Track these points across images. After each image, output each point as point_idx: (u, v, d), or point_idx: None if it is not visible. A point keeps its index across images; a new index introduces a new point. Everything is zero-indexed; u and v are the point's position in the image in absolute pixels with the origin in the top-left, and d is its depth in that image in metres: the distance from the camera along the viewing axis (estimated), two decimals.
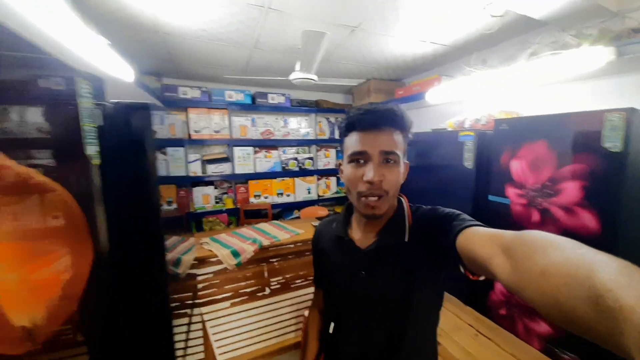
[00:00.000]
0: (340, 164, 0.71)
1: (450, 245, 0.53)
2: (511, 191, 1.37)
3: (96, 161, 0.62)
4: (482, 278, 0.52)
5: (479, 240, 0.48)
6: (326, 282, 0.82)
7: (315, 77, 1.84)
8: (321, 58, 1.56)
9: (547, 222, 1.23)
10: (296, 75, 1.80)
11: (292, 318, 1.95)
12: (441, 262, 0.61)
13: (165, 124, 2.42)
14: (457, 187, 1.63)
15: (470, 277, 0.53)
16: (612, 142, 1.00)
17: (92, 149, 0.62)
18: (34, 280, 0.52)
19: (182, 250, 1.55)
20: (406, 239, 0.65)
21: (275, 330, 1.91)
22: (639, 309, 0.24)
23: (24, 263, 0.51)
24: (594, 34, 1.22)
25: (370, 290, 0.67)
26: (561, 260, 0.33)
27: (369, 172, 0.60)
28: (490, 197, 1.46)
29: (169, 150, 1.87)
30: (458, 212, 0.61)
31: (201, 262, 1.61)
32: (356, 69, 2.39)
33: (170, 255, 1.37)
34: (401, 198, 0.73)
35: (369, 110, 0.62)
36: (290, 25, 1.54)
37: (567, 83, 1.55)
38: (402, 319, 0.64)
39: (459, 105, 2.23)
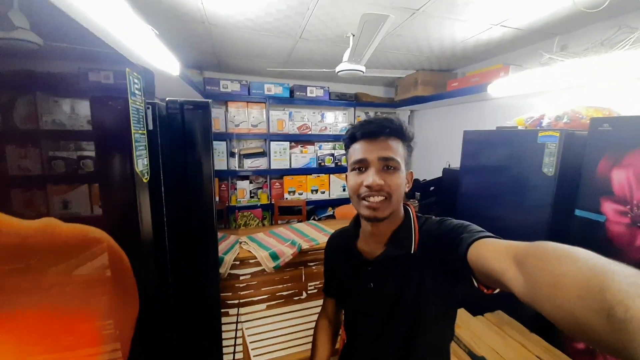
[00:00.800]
0: (346, 175, 0.73)
1: (461, 259, 0.52)
2: (609, 207, 1.12)
3: (146, 178, 0.52)
4: (496, 291, 0.51)
5: (491, 252, 0.47)
6: (337, 293, 0.85)
7: (363, 69, 1.68)
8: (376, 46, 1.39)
9: None
10: (343, 66, 1.66)
11: None
12: (452, 275, 0.60)
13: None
14: (531, 197, 1.39)
15: (485, 291, 0.51)
16: None
17: (142, 164, 0.51)
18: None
19: (224, 248, 1.51)
20: (413, 251, 0.65)
21: (310, 335, 1.82)
22: None
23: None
24: None
25: (379, 301, 0.68)
26: (574, 272, 0.32)
27: (369, 177, 0.61)
28: (578, 212, 1.22)
29: (214, 143, 1.83)
30: (467, 223, 0.60)
31: (241, 262, 1.56)
32: (405, 59, 2.17)
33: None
34: (408, 208, 0.72)
35: (367, 121, 0.66)
36: (343, 10, 1.39)
37: None
38: (412, 330, 0.64)
39: (528, 100, 1.94)
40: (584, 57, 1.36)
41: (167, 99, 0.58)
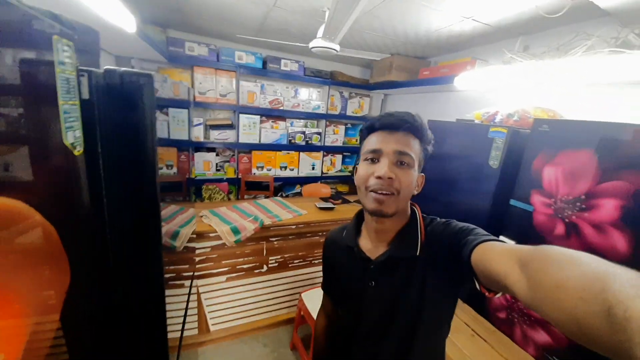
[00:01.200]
0: (355, 168, 0.70)
1: (465, 261, 0.52)
2: (537, 199, 1.27)
3: (79, 150, 0.49)
4: (498, 295, 0.51)
5: (494, 255, 0.47)
6: (336, 291, 0.81)
7: (337, 48, 1.64)
8: (350, 25, 1.36)
9: (572, 237, 1.15)
10: (317, 42, 1.60)
11: (287, 295, 1.95)
12: (455, 278, 0.60)
13: (168, 83, 2.24)
14: (477, 186, 1.53)
15: (487, 294, 0.51)
16: None
17: (73, 136, 0.47)
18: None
19: (180, 222, 1.48)
20: (418, 253, 0.63)
21: (270, 305, 1.92)
22: None
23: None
24: None
25: (380, 301, 0.66)
26: (577, 275, 0.32)
27: (381, 168, 0.60)
28: (512, 202, 1.37)
29: (171, 111, 1.73)
30: (473, 226, 0.60)
31: (199, 236, 1.55)
32: (381, 41, 2.16)
33: (167, 227, 1.30)
34: (414, 208, 0.71)
35: (389, 113, 0.64)
36: None
37: (624, 88, 1.38)
38: (412, 331, 0.64)
39: (486, 94, 2.05)
40: (541, 59, 1.45)
41: (105, 68, 0.53)
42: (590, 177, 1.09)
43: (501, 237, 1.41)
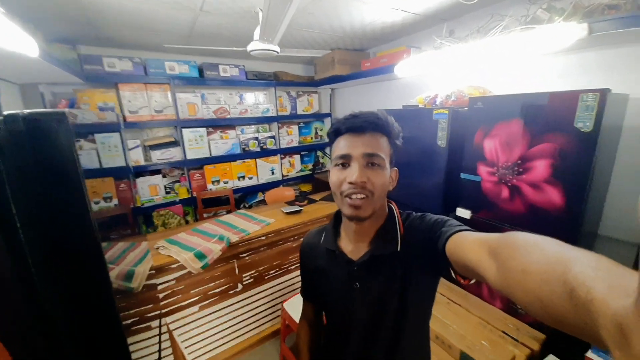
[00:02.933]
0: (329, 171, 0.69)
1: (440, 252, 0.54)
2: (483, 169, 1.39)
3: None
4: (472, 282, 0.54)
5: (467, 245, 0.49)
6: (318, 296, 0.80)
7: (277, 49, 1.59)
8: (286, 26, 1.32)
9: (516, 198, 1.29)
10: (255, 45, 1.53)
11: (269, 308, 1.88)
12: (433, 268, 0.61)
13: (87, 107, 1.96)
14: (431, 165, 1.62)
15: (462, 281, 0.54)
16: (583, 122, 1.03)
17: None
18: None
19: (133, 260, 1.31)
20: (398, 249, 0.64)
21: (252, 323, 1.83)
22: (610, 299, 0.24)
23: None
24: (566, 9, 1.21)
25: (367, 301, 0.66)
26: (540, 258, 0.33)
27: (352, 174, 0.60)
28: (463, 175, 1.48)
29: (99, 137, 1.51)
30: (447, 218, 0.62)
31: (160, 270, 1.40)
32: (320, 37, 2.16)
33: (118, 269, 1.14)
34: (391, 205, 0.71)
35: (353, 115, 0.63)
36: None
37: (538, 58, 1.56)
38: (399, 327, 0.65)
39: (427, 78, 2.19)
40: (465, 42, 1.58)
41: (5, 114, 0.42)
42: (522, 143, 1.22)
43: (458, 209, 1.52)
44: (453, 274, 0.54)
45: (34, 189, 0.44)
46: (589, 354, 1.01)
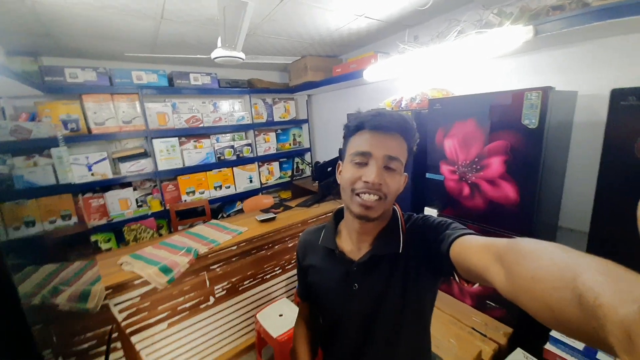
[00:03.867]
0: (339, 165, 0.68)
1: (444, 255, 0.53)
2: (445, 168, 1.42)
3: None
4: (476, 286, 0.53)
5: (473, 249, 0.48)
6: (315, 296, 0.77)
7: (242, 55, 1.59)
8: (247, 32, 1.32)
9: (476, 195, 1.32)
10: (219, 52, 1.53)
11: (244, 321, 1.83)
12: (435, 270, 0.61)
13: (42, 119, 1.89)
14: None
15: (465, 285, 0.53)
16: (529, 119, 1.07)
17: None
18: None
19: (91, 278, 1.25)
20: (400, 250, 0.63)
21: (226, 338, 1.76)
22: (617, 305, 0.24)
23: None
24: (515, 12, 1.26)
25: (364, 301, 0.65)
26: (549, 265, 0.33)
27: (370, 173, 0.58)
28: (428, 175, 1.51)
29: (55, 151, 1.45)
30: (450, 220, 0.61)
31: (122, 287, 1.33)
32: (289, 44, 2.18)
33: (70, 290, 1.08)
34: (395, 207, 0.70)
35: (381, 113, 0.61)
36: None
37: (492, 61, 1.63)
38: (397, 330, 0.64)
39: (395, 82, 2.24)
40: (427, 47, 1.63)
41: None
42: (478, 142, 1.26)
43: (426, 208, 1.55)
44: (457, 278, 0.53)
45: None
46: (547, 345, 1.03)
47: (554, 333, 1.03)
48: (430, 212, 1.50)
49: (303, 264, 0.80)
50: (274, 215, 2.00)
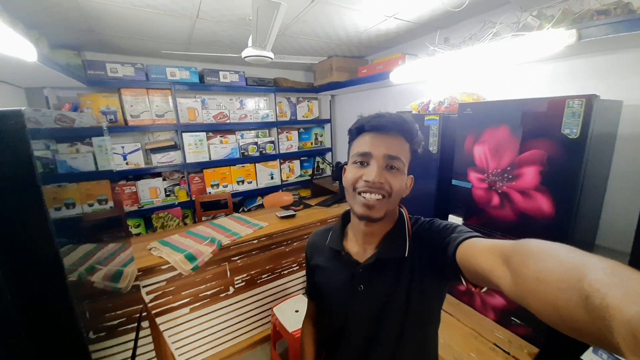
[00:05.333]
0: (344, 169, 0.68)
1: (450, 258, 0.53)
2: (473, 176, 1.38)
3: None
4: (484, 290, 0.52)
5: (478, 252, 0.47)
6: (321, 296, 0.77)
7: (271, 55, 1.63)
8: (277, 33, 1.35)
9: (505, 205, 1.26)
10: (249, 52, 1.57)
11: (260, 313, 1.88)
12: (441, 275, 0.60)
13: (84, 110, 2.03)
14: (423, 171, 1.61)
15: (473, 289, 0.52)
16: (570, 129, 1.01)
17: None
18: None
19: (124, 260, 1.34)
20: (406, 254, 0.63)
21: (243, 327, 1.82)
22: (624, 306, 0.24)
23: None
24: (556, 15, 1.20)
25: (369, 303, 0.65)
26: (555, 266, 0.33)
27: (371, 172, 0.59)
28: (454, 182, 1.46)
29: (96, 140, 1.56)
30: (456, 224, 0.61)
31: (151, 270, 1.42)
32: (317, 45, 2.19)
33: (105, 270, 1.16)
34: (402, 210, 0.70)
35: (379, 114, 0.62)
36: None
37: (528, 65, 1.56)
38: (401, 332, 0.63)
39: (423, 85, 2.19)
40: (459, 49, 1.59)
41: None
42: (511, 150, 1.21)
43: (450, 216, 1.51)
44: (464, 282, 0.52)
45: None
46: None
47: (586, 357, 0.98)
48: (454, 219, 1.46)
49: (310, 263, 0.81)
50: (294, 213, 2.03)
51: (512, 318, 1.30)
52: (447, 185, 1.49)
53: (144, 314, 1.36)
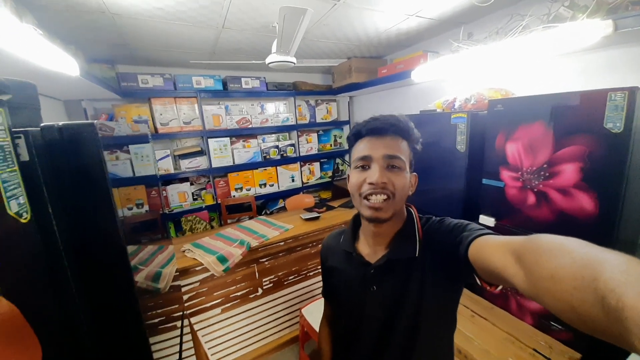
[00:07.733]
0: (348, 176, 0.69)
1: (462, 257, 0.52)
2: (506, 174, 1.34)
3: (25, 218, 0.45)
4: (499, 288, 0.51)
5: (491, 249, 0.47)
6: (335, 298, 0.79)
7: (294, 60, 1.66)
8: (302, 37, 1.38)
9: (542, 205, 1.22)
10: (273, 58, 1.61)
11: (288, 314, 1.91)
12: (454, 274, 0.59)
13: (118, 120, 2.14)
14: (451, 171, 1.58)
15: (488, 288, 0.51)
16: (613, 123, 0.96)
17: (17, 204, 0.43)
18: None
19: (161, 261, 1.41)
20: (417, 254, 0.63)
21: (271, 328, 1.86)
22: None
23: None
24: (589, 5, 1.15)
25: (381, 304, 0.65)
26: (568, 263, 0.32)
27: (373, 174, 0.59)
28: (484, 181, 1.43)
29: (132, 148, 1.65)
30: (467, 222, 0.60)
31: (185, 272, 1.48)
32: (336, 47, 2.21)
33: (147, 270, 1.23)
34: (411, 209, 0.70)
35: (373, 118, 0.64)
36: (262, 1, 1.34)
37: (556, 59, 1.50)
38: (414, 331, 0.63)
39: (445, 83, 2.15)
40: (484, 44, 1.55)
41: (41, 125, 0.49)
42: (547, 146, 1.16)
43: (481, 216, 1.47)
44: (478, 281, 0.52)
45: (67, 193, 0.51)
46: None
47: None
48: (486, 220, 1.42)
49: (325, 265, 0.82)
50: (319, 215, 2.05)
51: (552, 323, 1.24)
52: (477, 185, 1.45)
53: (181, 313, 1.42)
